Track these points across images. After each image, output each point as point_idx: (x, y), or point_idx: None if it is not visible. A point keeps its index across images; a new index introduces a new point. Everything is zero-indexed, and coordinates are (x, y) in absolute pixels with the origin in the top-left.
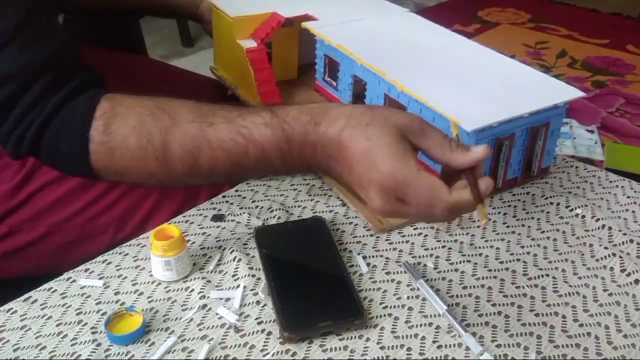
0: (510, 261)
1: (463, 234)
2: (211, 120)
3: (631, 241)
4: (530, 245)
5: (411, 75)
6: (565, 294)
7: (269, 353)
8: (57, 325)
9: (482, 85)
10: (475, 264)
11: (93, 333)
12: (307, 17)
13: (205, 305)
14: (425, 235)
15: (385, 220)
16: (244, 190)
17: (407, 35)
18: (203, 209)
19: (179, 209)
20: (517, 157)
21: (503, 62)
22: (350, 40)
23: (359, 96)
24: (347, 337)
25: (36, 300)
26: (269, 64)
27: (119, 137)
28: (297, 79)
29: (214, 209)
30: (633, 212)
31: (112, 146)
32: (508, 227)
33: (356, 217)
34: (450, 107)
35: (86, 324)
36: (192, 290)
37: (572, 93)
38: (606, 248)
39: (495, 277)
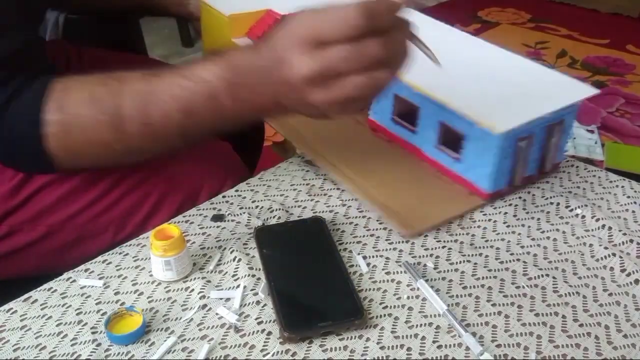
0: (510, 261)
1: (463, 234)
2: (157, 73)
3: (631, 241)
4: (530, 245)
5: (420, 75)
6: (565, 294)
7: (269, 353)
8: (57, 325)
9: (498, 84)
10: (475, 264)
11: (93, 333)
12: None
13: (205, 305)
14: (426, 235)
15: (416, 224)
16: (244, 191)
17: None
18: (203, 209)
19: (179, 209)
20: (535, 155)
21: (514, 60)
22: None
23: None
24: (347, 337)
25: (36, 300)
26: None
27: (72, 110)
28: None
29: (214, 209)
30: (633, 212)
31: (67, 122)
32: (508, 227)
33: (356, 217)
34: (470, 107)
35: (86, 324)
36: (192, 290)
37: (587, 91)
38: (606, 248)
39: (495, 277)
